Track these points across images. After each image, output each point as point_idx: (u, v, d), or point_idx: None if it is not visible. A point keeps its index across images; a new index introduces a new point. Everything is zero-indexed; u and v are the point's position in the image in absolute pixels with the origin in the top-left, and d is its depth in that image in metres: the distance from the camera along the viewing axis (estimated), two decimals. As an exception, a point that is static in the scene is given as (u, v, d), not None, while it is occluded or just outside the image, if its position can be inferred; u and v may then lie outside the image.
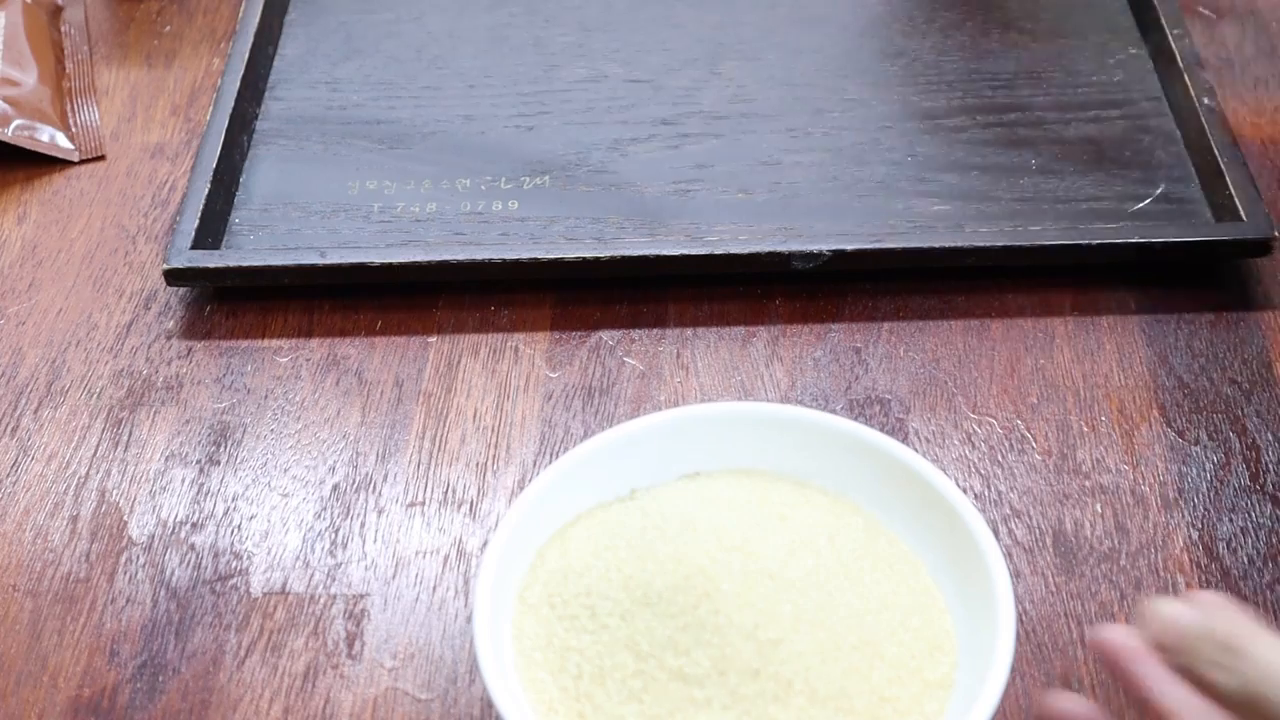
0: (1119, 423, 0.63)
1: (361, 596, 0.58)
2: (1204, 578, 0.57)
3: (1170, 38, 0.77)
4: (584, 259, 0.68)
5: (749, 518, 0.50)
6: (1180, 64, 0.75)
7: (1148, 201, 0.71)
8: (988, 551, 0.48)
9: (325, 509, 0.61)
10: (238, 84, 0.77)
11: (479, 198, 0.74)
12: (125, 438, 0.64)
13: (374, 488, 0.62)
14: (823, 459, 0.53)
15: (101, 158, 0.79)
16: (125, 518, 0.61)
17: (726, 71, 0.80)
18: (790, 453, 0.54)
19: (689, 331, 0.67)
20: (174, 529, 0.61)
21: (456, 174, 0.75)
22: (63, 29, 0.86)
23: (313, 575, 0.59)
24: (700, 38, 0.83)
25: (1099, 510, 0.59)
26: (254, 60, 0.80)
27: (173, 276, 0.69)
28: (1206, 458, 0.61)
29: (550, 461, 0.61)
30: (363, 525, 0.61)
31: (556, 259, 0.68)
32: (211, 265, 0.69)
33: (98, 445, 0.64)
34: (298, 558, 0.60)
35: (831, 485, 0.54)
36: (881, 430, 0.57)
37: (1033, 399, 0.64)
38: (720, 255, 0.68)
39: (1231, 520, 0.59)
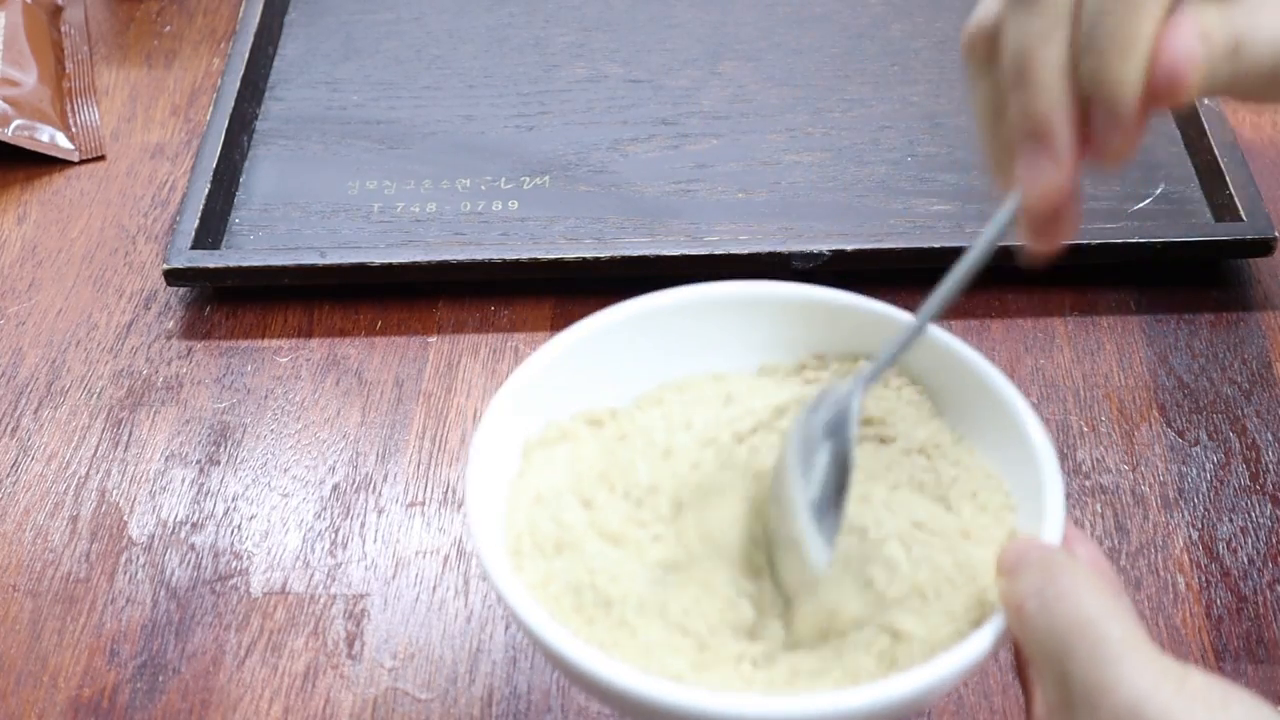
0: (1119, 423, 0.63)
1: (361, 596, 0.58)
2: (1204, 578, 0.57)
3: (1170, 38, 0.77)
4: (584, 259, 0.68)
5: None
6: (1180, 64, 0.75)
7: (1148, 201, 0.71)
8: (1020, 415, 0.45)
9: (325, 509, 0.61)
10: (238, 84, 0.77)
11: (479, 198, 0.74)
12: (125, 438, 0.64)
13: (374, 488, 0.62)
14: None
15: (101, 158, 0.79)
16: (125, 518, 0.61)
17: (726, 71, 0.80)
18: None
19: (689, 331, 0.67)
20: (174, 529, 0.61)
21: (456, 174, 0.75)
22: (63, 29, 0.86)
23: (313, 575, 0.59)
24: (700, 38, 0.83)
25: (1099, 510, 0.59)
26: (254, 60, 0.80)
27: (173, 276, 0.69)
28: (1206, 458, 0.61)
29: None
30: (363, 525, 0.61)
31: (556, 259, 0.68)
32: (211, 265, 0.69)
33: (98, 445, 0.64)
34: (298, 558, 0.60)
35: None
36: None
37: (1033, 399, 0.64)
38: (720, 255, 0.68)
39: (1231, 520, 0.59)
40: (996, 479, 0.45)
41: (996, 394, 0.46)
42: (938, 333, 0.48)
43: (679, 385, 0.49)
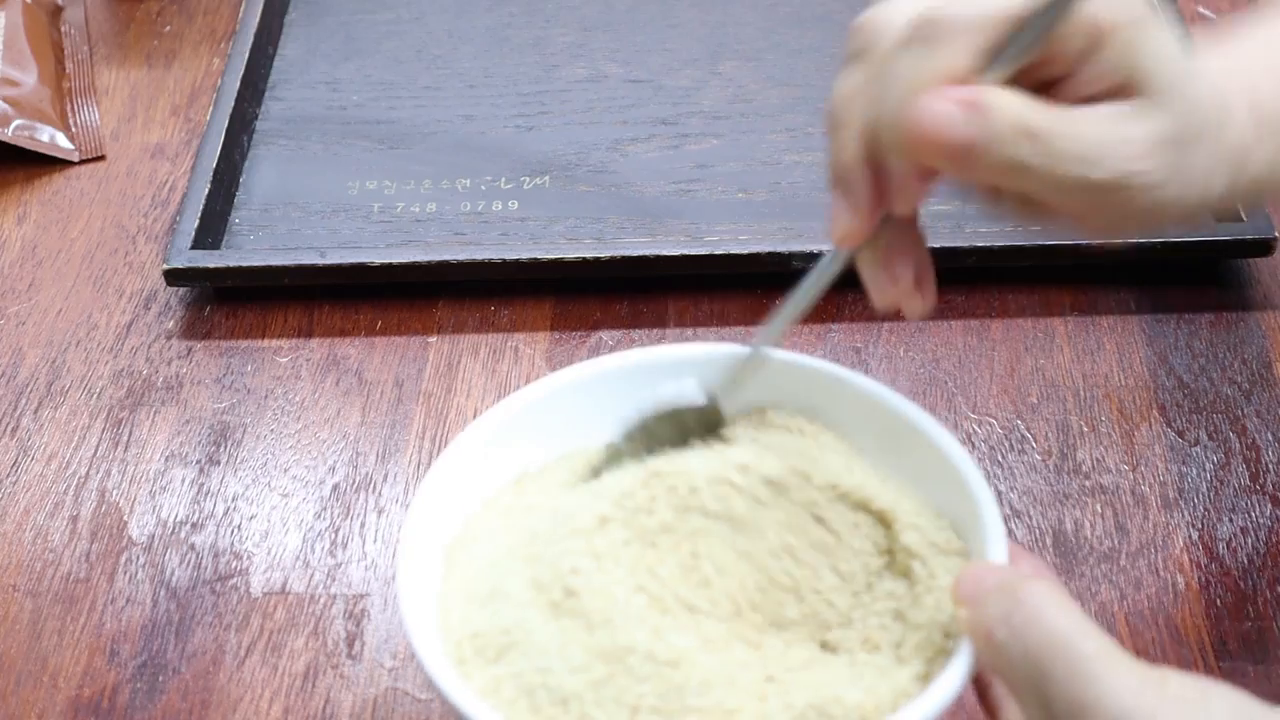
0: (1119, 423, 0.63)
1: (361, 596, 0.58)
2: (1204, 578, 0.57)
3: (1170, 38, 0.77)
4: (584, 259, 0.68)
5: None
6: (1180, 64, 0.75)
7: (1148, 201, 0.71)
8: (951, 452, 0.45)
9: (325, 509, 0.61)
10: (238, 84, 0.77)
11: (479, 198, 0.74)
12: (125, 438, 0.64)
13: (374, 488, 0.62)
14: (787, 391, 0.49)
15: (101, 158, 0.79)
16: (125, 518, 0.61)
17: (726, 71, 0.80)
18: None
19: (689, 331, 0.67)
20: (174, 529, 0.61)
21: (456, 174, 0.75)
22: (63, 29, 0.86)
23: (313, 575, 0.59)
24: (700, 38, 0.83)
25: (1099, 510, 0.59)
26: (254, 60, 0.80)
27: (173, 276, 0.69)
28: (1206, 458, 0.61)
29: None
30: (363, 525, 0.61)
31: (556, 259, 0.68)
32: (211, 265, 0.69)
33: (98, 445, 0.64)
34: (298, 558, 0.60)
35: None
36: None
37: (1033, 399, 0.64)
38: (720, 255, 0.68)
39: (1231, 520, 0.59)
40: (934, 514, 0.45)
41: (909, 422, 0.46)
42: (829, 368, 0.48)
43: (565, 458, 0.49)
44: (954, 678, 0.40)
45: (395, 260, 0.68)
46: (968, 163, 0.39)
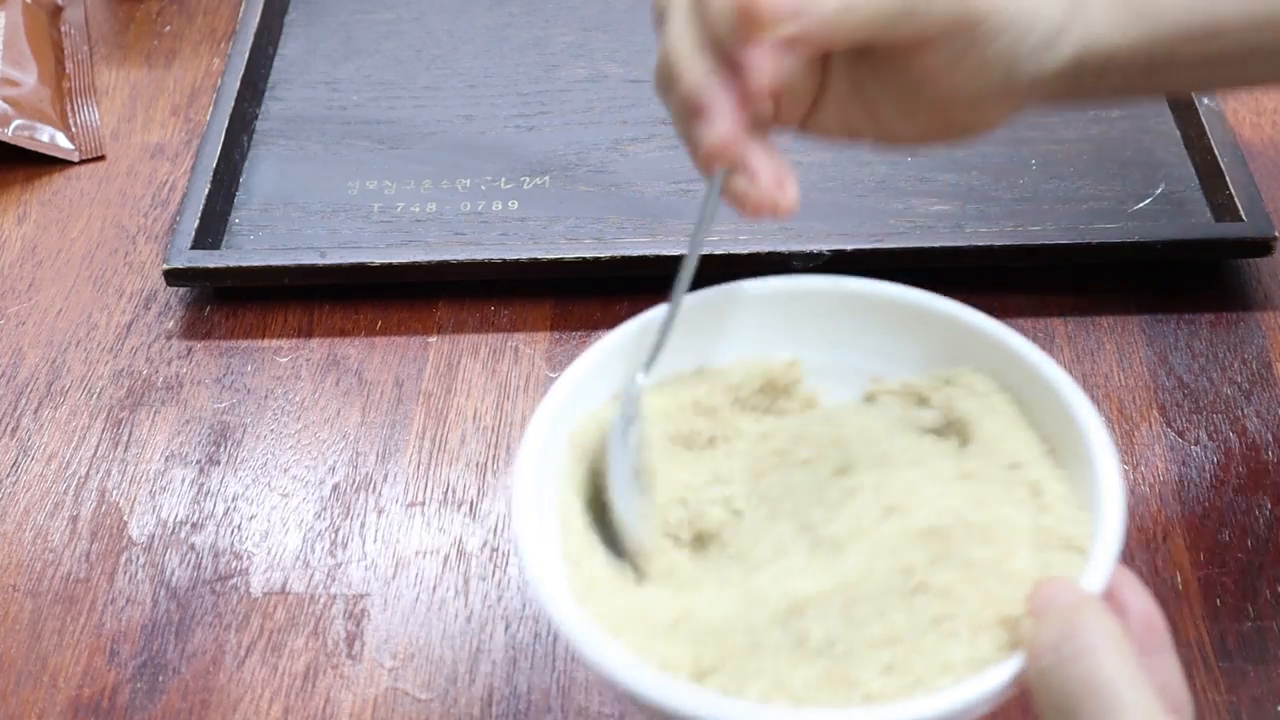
0: (1119, 423, 0.63)
1: (361, 596, 0.58)
2: (1204, 577, 0.57)
3: (1170, 38, 0.77)
4: (584, 259, 0.68)
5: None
6: (1180, 64, 0.75)
7: (1148, 201, 0.71)
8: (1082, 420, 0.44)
9: (325, 509, 0.61)
10: (238, 84, 0.77)
11: (479, 198, 0.74)
12: (125, 438, 0.64)
13: (374, 488, 0.62)
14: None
15: (101, 158, 0.79)
16: (125, 518, 0.61)
17: (726, 71, 0.80)
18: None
19: (689, 331, 0.67)
20: (174, 529, 0.61)
21: (456, 174, 0.75)
22: (63, 29, 0.86)
23: (313, 575, 0.59)
24: (700, 38, 0.83)
25: (1099, 510, 0.59)
26: (254, 60, 0.80)
27: (173, 276, 0.69)
28: (1206, 458, 0.61)
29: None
30: (363, 525, 0.61)
31: (556, 259, 0.68)
32: (211, 265, 0.69)
33: (98, 445, 0.64)
34: (298, 558, 0.60)
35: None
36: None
37: (1033, 399, 0.64)
38: (720, 255, 0.68)
39: (1231, 520, 0.59)
40: (1078, 506, 0.43)
41: (1079, 424, 0.44)
42: (1036, 356, 0.47)
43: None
44: (984, 683, 0.38)
45: (395, 260, 0.68)
46: (804, 35, 0.43)
